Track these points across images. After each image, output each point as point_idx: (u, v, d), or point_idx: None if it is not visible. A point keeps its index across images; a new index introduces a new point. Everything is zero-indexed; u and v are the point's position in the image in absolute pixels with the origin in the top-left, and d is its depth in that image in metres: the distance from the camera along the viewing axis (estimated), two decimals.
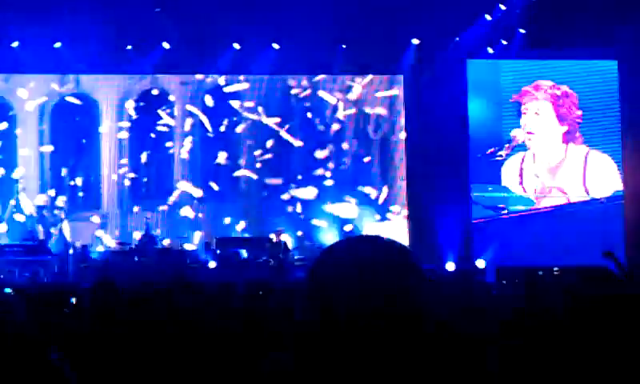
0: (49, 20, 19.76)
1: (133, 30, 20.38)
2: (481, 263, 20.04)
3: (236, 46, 21.11)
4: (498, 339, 4.32)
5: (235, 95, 21.77)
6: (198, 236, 20.55)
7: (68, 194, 20.99)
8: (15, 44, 20.37)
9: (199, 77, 21.73)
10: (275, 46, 21.22)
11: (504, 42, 21.65)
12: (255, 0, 20.05)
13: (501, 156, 21.56)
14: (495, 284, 14.17)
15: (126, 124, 21.54)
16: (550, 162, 21.66)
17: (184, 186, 21.45)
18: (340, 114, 22.01)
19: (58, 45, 20.55)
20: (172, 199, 21.40)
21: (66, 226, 20.41)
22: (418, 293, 1.83)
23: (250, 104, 21.78)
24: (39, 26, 19.55)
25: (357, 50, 21.30)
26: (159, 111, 21.55)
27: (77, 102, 21.28)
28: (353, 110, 22.05)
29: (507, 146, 21.56)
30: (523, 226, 21.23)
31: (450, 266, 19.82)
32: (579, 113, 21.71)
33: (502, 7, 21.31)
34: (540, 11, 20.69)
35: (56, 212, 20.37)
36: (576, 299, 3.99)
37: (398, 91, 22.04)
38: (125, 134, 21.50)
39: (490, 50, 21.75)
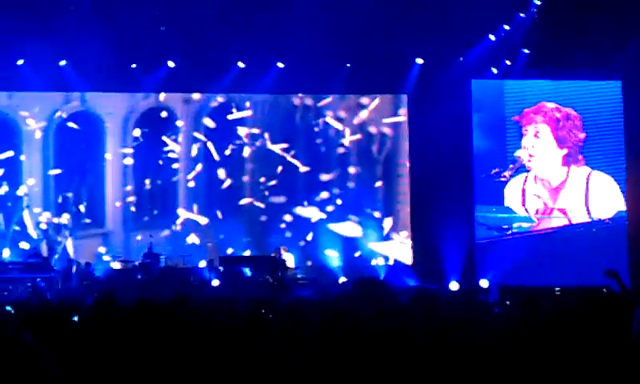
0: (53, 38, 19.84)
1: (137, 48, 20.45)
2: (484, 283, 20.02)
3: (240, 64, 21.18)
4: (495, 355, 4.32)
5: (240, 121, 21.79)
6: (202, 263, 20.49)
7: (72, 212, 21.00)
8: (20, 62, 20.46)
9: (198, 96, 21.73)
10: (280, 64, 21.28)
11: (508, 63, 21.69)
12: (259, 19, 20.11)
13: (505, 177, 21.56)
14: (497, 303, 14.14)
15: (130, 151, 21.53)
16: (551, 183, 21.67)
17: (186, 214, 21.44)
18: (346, 141, 21.99)
19: (62, 63, 20.63)
20: (177, 226, 21.43)
21: (69, 244, 20.44)
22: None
23: (256, 130, 21.78)
24: (44, 44, 19.62)
25: (361, 70, 21.35)
26: (164, 138, 21.54)
27: (75, 126, 21.31)
28: (358, 136, 22.02)
29: (511, 166, 21.57)
30: (526, 246, 21.22)
31: (454, 286, 19.79)
32: (582, 136, 21.72)
33: (506, 27, 21.36)
34: (544, 32, 20.75)
35: (60, 232, 20.39)
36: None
37: (404, 117, 22.00)
38: (129, 160, 21.50)
39: (494, 70, 21.79)
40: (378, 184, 22.05)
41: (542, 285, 18.00)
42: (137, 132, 21.52)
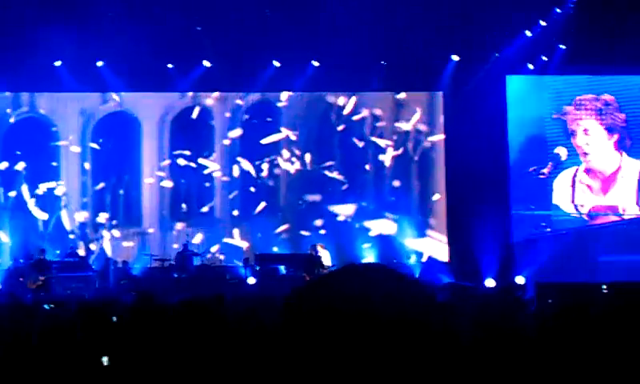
0: (90, 39, 20.00)
1: (174, 48, 20.56)
2: (520, 280, 19.90)
3: (276, 63, 21.22)
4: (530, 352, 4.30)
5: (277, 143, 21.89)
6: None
7: (110, 210, 21.17)
8: (58, 63, 20.64)
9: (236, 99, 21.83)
10: (315, 63, 21.30)
11: (544, 58, 21.55)
12: (295, 18, 20.14)
13: (544, 174, 21.44)
14: (534, 300, 14.05)
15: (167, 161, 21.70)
16: (605, 173, 21.53)
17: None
18: (388, 157, 21.98)
19: (100, 64, 20.79)
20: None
21: (107, 243, 20.61)
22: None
23: (297, 152, 21.83)
24: (81, 45, 19.79)
25: (397, 67, 21.31)
26: (200, 160, 21.61)
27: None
28: (400, 151, 21.98)
29: (550, 164, 21.45)
30: (571, 243, 21.08)
31: (490, 283, 19.70)
32: (622, 116, 21.60)
33: (543, 23, 21.23)
34: (580, 27, 20.59)
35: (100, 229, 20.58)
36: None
37: (442, 136, 21.92)
38: (168, 183, 21.63)
39: (531, 66, 21.66)
40: (415, 182, 22.00)
41: (589, 281, 17.89)
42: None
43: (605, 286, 15.81)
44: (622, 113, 21.63)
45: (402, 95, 22.08)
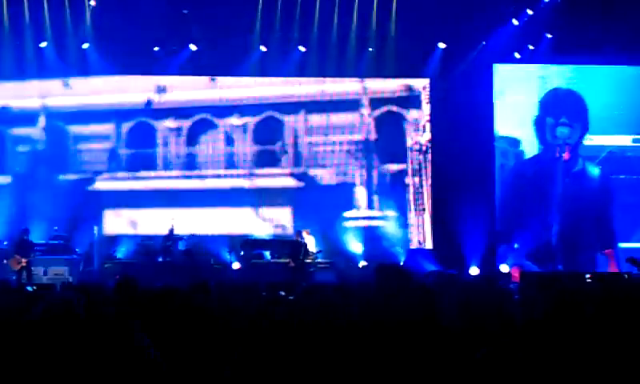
0: (77, 21, 19.94)
1: (160, 31, 20.48)
2: (504, 268, 19.99)
3: (262, 48, 21.16)
4: (515, 340, 4.31)
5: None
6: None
7: None
8: (44, 44, 20.56)
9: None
10: (301, 48, 21.25)
11: (531, 47, 21.57)
12: (282, 3, 20.09)
13: None
14: (518, 289, 14.09)
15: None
16: None
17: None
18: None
19: (86, 46, 20.70)
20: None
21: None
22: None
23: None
24: (67, 27, 19.69)
25: (384, 54, 21.29)
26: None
27: None
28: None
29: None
30: None
31: (474, 271, 19.77)
32: None
33: (530, 12, 21.24)
34: (567, 16, 20.61)
35: None
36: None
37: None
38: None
39: (517, 55, 21.68)
40: (397, 167, 21.99)
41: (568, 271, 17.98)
42: None
43: (588, 276, 15.91)
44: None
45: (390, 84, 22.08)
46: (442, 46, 21.45)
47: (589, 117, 21.80)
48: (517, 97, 21.81)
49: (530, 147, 21.85)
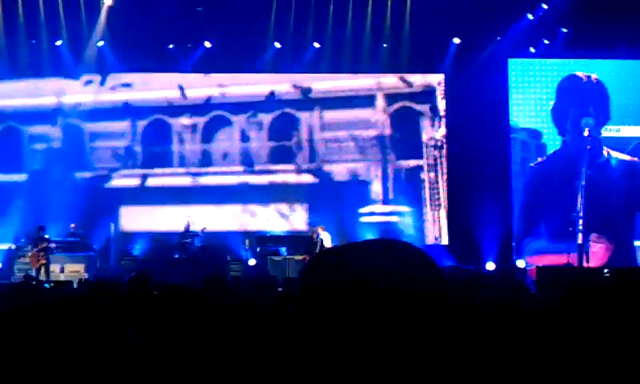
0: (91, 18, 19.99)
1: (174, 28, 20.51)
2: (521, 263, 19.94)
3: (277, 45, 21.18)
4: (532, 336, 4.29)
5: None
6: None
7: None
8: (59, 43, 20.64)
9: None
10: (316, 45, 21.26)
11: (546, 42, 21.51)
12: (295, 1, 20.12)
13: None
14: (534, 284, 14.07)
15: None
16: None
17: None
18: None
19: (100, 44, 20.77)
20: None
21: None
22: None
23: None
24: (82, 25, 19.72)
25: (399, 49, 21.28)
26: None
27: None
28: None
29: None
30: None
31: (490, 266, 19.73)
32: None
33: (545, 6, 21.17)
34: (582, 10, 20.52)
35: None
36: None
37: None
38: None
39: (532, 50, 21.61)
40: (413, 163, 21.98)
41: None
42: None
43: (606, 270, 15.83)
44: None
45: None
46: (456, 41, 21.42)
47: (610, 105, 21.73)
48: (533, 91, 21.74)
49: (552, 139, 21.70)
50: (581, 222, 20.74)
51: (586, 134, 21.32)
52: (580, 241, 20.55)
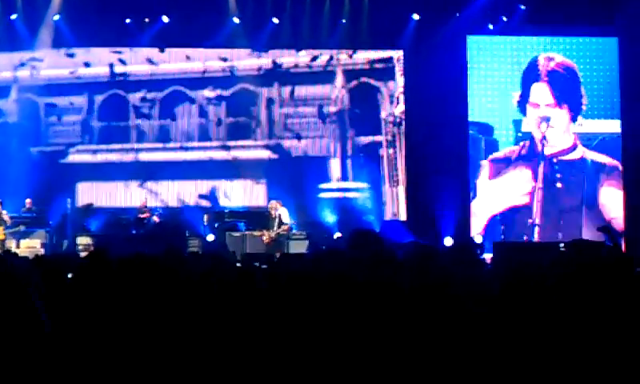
0: None
1: (132, 2, 20.35)
2: (478, 238, 20.11)
3: (235, 20, 21.07)
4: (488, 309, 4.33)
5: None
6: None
7: None
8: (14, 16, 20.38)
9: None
10: (275, 20, 21.18)
11: (504, 19, 21.58)
12: None
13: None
14: (491, 258, 14.18)
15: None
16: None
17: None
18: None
19: (56, 17, 20.54)
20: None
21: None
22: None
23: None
24: None
25: (357, 25, 21.26)
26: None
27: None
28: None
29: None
30: None
31: (448, 241, 19.86)
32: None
33: None
34: None
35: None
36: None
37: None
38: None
39: (491, 27, 21.68)
40: (372, 139, 22.02)
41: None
42: None
43: (562, 245, 16.00)
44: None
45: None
46: (416, 17, 21.43)
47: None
48: (490, 69, 21.82)
49: (505, 133, 21.75)
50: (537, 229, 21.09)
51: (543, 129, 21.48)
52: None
